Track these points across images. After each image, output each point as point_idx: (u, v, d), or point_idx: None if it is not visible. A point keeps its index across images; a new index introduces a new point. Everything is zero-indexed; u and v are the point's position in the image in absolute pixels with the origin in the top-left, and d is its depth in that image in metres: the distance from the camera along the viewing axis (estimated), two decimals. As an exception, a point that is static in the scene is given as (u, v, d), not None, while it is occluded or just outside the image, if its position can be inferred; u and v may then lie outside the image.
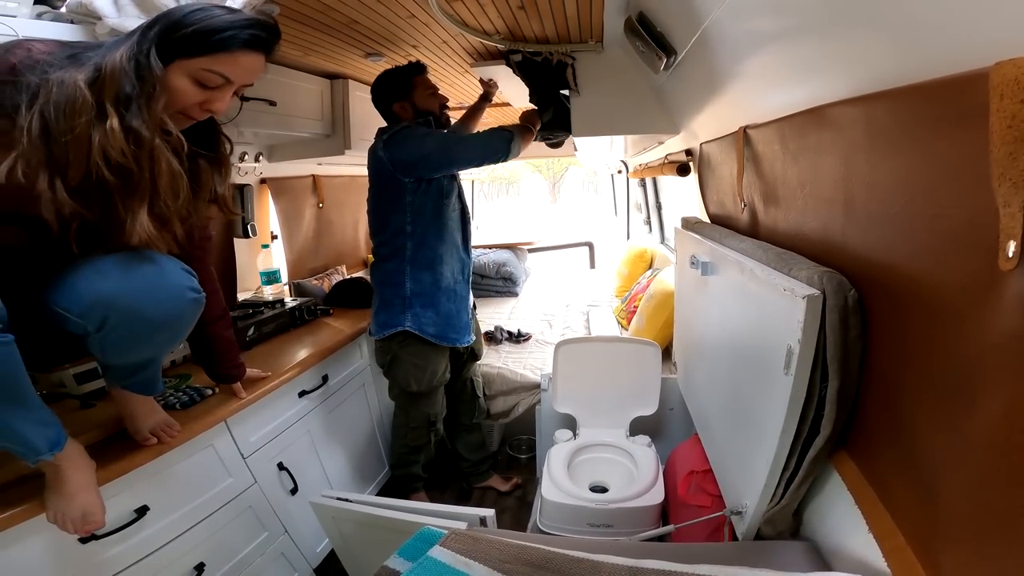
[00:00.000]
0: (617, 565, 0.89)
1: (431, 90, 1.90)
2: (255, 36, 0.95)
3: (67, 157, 0.83)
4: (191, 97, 0.94)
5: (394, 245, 1.88)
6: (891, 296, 0.76)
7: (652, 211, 3.99)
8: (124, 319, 0.96)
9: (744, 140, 1.26)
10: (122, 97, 0.86)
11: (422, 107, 1.87)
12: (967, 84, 0.52)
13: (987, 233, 0.51)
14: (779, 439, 0.92)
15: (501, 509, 2.27)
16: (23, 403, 0.90)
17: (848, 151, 0.82)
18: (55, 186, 0.84)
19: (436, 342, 1.92)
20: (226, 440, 1.46)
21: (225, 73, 0.95)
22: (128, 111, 0.86)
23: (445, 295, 1.92)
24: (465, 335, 2.01)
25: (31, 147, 0.81)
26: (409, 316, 1.89)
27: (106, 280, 0.94)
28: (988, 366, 0.56)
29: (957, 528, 0.63)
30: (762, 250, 1.10)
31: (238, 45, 0.93)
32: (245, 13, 0.96)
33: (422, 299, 1.89)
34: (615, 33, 1.63)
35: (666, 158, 2.31)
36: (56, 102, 0.82)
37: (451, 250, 1.92)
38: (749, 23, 0.92)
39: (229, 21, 0.92)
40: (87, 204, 0.88)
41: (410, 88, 1.86)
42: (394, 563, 1.00)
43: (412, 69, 1.87)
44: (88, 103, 0.83)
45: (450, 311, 1.94)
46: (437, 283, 1.90)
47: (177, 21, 0.90)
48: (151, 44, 0.89)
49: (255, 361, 1.68)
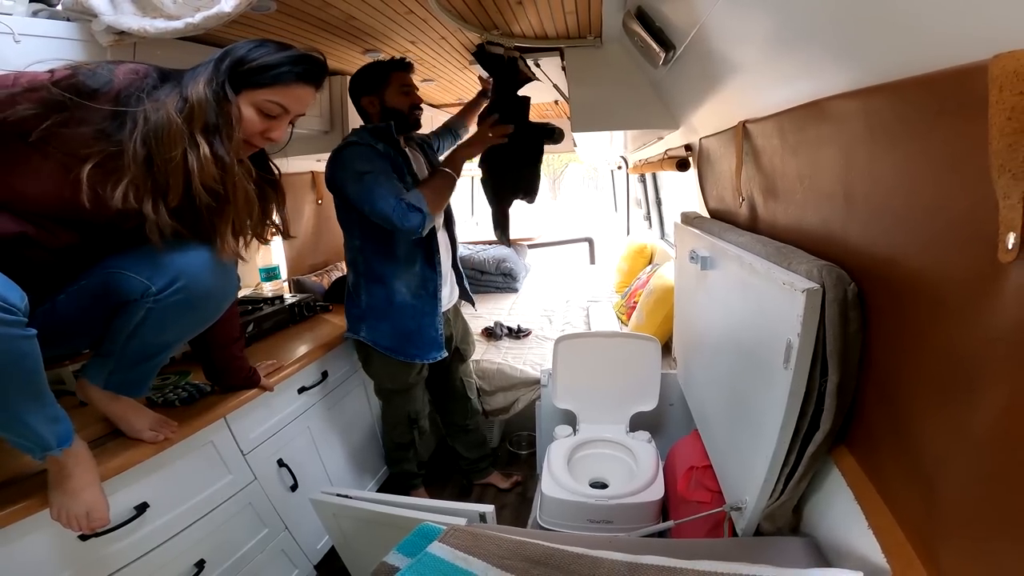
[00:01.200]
0: (616, 561, 0.89)
1: (407, 88, 1.81)
2: (307, 70, 1.08)
3: (168, 182, 0.94)
4: (256, 126, 1.05)
5: (351, 257, 1.85)
6: (891, 290, 0.76)
7: (652, 207, 3.98)
8: (190, 282, 1.04)
9: (743, 134, 1.25)
10: (210, 126, 0.97)
11: (390, 104, 1.78)
12: (966, 76, 0.52)
13: (987, 225, 0.50)
14: (779, 434, 0.91)
15: (501, 505, 2.27)
16: (38, 397, 0.92)
17: (848, 144, 0.81)
18: (159, 209, 0.96)
19: (391, 356, 1.86)
20: (226, 437, 1.46)
21: (283, 103, 1.06)
22: (215, 139, 0.97)
23: (400, 311, 1.84)
24: (430, 351, 1.90)
25: (138, 173, 0.92)
26: (365, 327, 1.87)
27: (183, 254, 1.04)
28: (989, 359, 0.55)
29: (956, 523, 0.63)
30: (761, 244, 1.09)
31: (293, 78, 1.05)
32: (297, 50, 1.07)
33: (376, 312, 1.85)
34: (614, 28, 1.63)
35: (665, 153, 2.30)
36: (156, 131, 0.92)
37: (407, 265, 1.81)
38: (748, 17, 0.92)
39: (285, 57, 1.04)
40: (182, 223, 1.00)
41: (384, 83, 1.78)
42: (393, 559, 1.00)
43: (393, 64, 1.80)
44: (182, 132, 0.93)
45: (408, 328, 1.86)
46: (390, 299, 1.82)
47: (242, 57, 1.01)
48: (224, 77, 0.99)
49: (255, 357, 1.67)
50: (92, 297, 1.04)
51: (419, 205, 1.62)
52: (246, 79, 1.02)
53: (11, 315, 0.80)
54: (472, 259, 3.91)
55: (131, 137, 0.91)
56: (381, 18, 1.56)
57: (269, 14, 1.38)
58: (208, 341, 1.35)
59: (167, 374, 1.61)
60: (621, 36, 1.62)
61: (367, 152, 1.68)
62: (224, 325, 1.32)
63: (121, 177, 0.91)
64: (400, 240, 1.77)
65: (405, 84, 1.81)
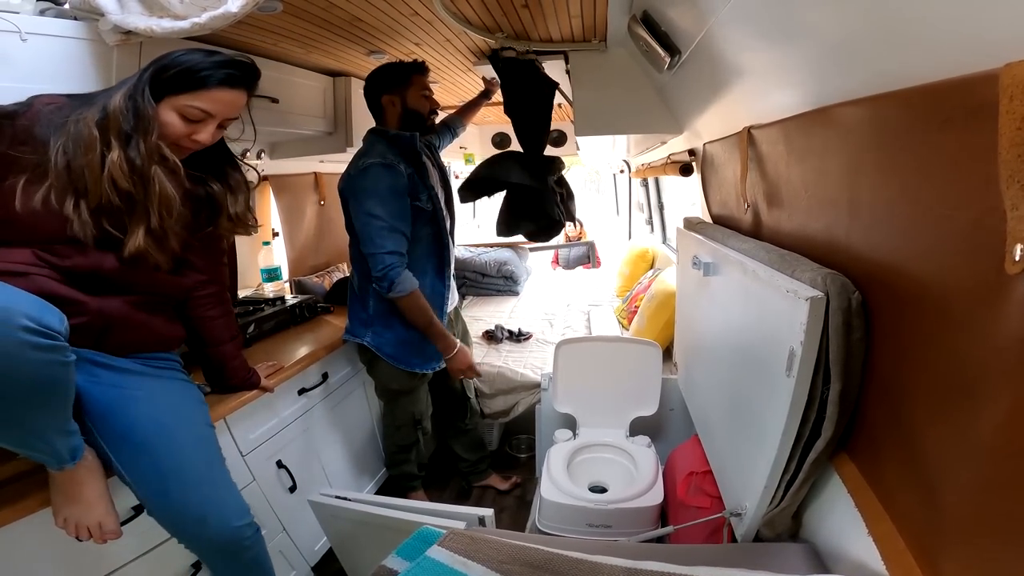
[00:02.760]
0: (615, 566, 0.88)
1: (427, 92, 1.84)
2: (230, 75, 1.10)
3: (85, 184, 0.99)
4: (179, 129, 1.08)
5: (361, 260, 1.82)
6: (895, 298, 0.75)
7: (654, 211, 3.98)
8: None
9: (748, 140, 1.25)
10: (124, 132, 1.02)
11: (412, 106, 1.80)
12: (976, 85, 0.51)
13: (994, 236, 0.50)
14: (780, 441, 0.91)
15: (500, 508, 2.27)
16: (62, 415, 0.93)
17: (854, 152, 0.81)
18: (79, 208, 1.00)
19: (393, 364, 1.87)
20: (224, 438, 1.45)
21: (205, 107, 1.09)
22: (128, 144, 1.02)
23: (404, 321, 1.81)
24: (431, 362, 1.92)
25: (57, 177, 0.98)
26: (370, 333, 1.87)
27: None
28: (993, 370, 0.55)
29: (957, 532, 0.63)
30: (765, 251, 1.09)
31: (215, 83, 1.08)
32: (223, 55, 1.11)
33: (383, 320, 1.84)
34: (619, 32, 1.63)
35: (669, 158, 2.30)
36: (74, 139, 0.99)
37: (419, 276, 1.78)
38: (754, 22, 0.91)
39: (208, 62, 1.08)
40: (105, 222, 1.03)
41: (406, 83, 1.79)
42: (392, 562, 1.00)
43: (415, 66, 1.82)
44: (96, 139, 0.99)
45: (413, 338, 1.84)
46: (397, 309, 1.79)
47: (166, 64, 1.06)
48: (145, 84, 1.04)
49: (255, 358, 1.67)
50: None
51: (401, 284, 1.68)
52: (168, 85, 1.06)
53: (52, 340, 0.80)
54: (473, 262, 3.91)
55: (54, 147, 0.98)
56: (387, 19, 1.56)
57: (275, 15, 1.38)
58: (202, 339, 1.35)
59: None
60: (626, 40, 1.62)
61: (388, 180, 1.68)
62: (210, 324, 1.34)
63: (44, 183, 0.97)
64: (417, 245, 1.79)
65: (425, 87, 1.83)
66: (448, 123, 2.26)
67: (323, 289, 2.69)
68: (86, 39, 1.22)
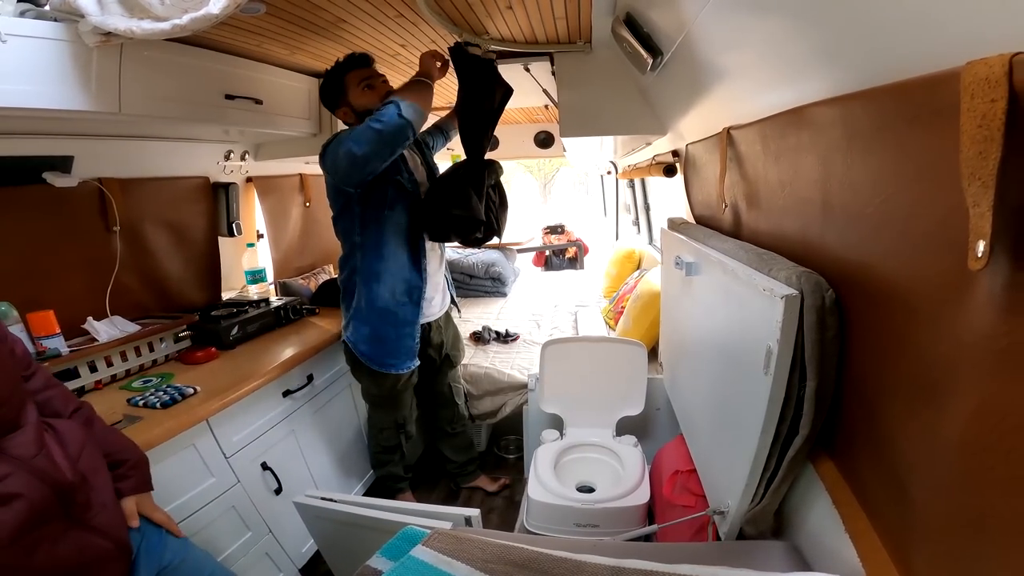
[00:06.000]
0: (599, 564, 0.89)
1: (368, 83, 1.73)
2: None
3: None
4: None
5: (347, 254, 1.83)
6: (867, 296, 0.77)
7: (640, 212, 4.00)
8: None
9: (728, 141, 1.26)
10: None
11: (360, 107, 1.72)
12: (939, 83, 0.52)
13: (959, 233, 0.51)
14: (759, 439, 0.92)
15: (489, 509, 2.27)
16: None
17: (826, 151, 0.82)
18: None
19: (366, 363, 1.85)
20: (208, 440, 1.45)
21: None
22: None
23: (379, 316, 1.80)
24: (405, 361, 1.88)
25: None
26: (349, 329, 1.86)
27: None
28: (959, 365, 0.56)
29: (928, 528, 0.64)
30: (744, 250, 1.10)
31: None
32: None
33: (359, 314, 1.83)
34: (603, 33, 1.64)
35: (654, 159, 2.31)
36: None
37: (392, 268, 1.78)
38: (733, 24, 0.92)
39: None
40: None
41: (342, 89, 1.72)
42: (376, 562, 1.00)
43: (345, 65, 1.73)
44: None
45: (386, 335, 1.83)
46: (372, 302, 1.79)
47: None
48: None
49: (238, 360, 1.66)
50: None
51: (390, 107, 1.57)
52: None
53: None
54: (461, 263, 3.91)
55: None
56: (371, 21, 1.56)
57: (258, 16, 1.38)
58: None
59: (149, 376, 1.59)
60: (610, 42, 1.63)
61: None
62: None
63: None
64: (391, 233, 1.77)
65: (363, 79, 1.74)
66: (440, 126, 2.23)
67: (308, 291, 2.68)
68: (66, 41, 1.21)
